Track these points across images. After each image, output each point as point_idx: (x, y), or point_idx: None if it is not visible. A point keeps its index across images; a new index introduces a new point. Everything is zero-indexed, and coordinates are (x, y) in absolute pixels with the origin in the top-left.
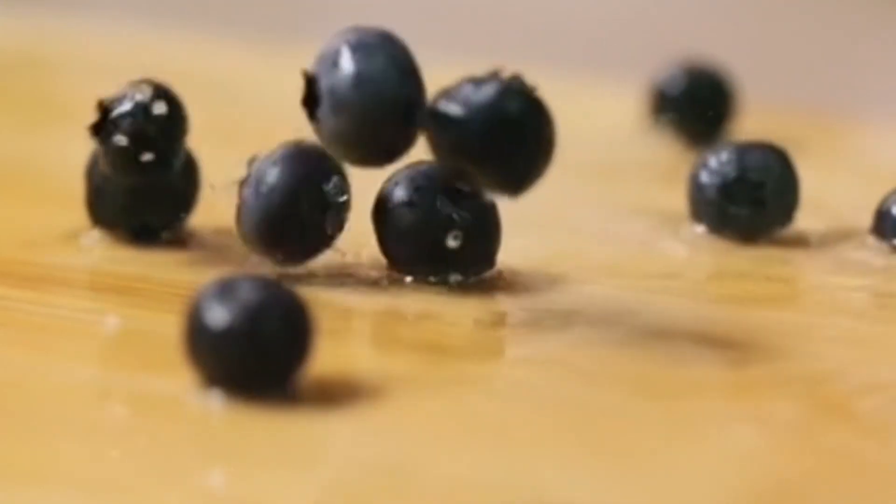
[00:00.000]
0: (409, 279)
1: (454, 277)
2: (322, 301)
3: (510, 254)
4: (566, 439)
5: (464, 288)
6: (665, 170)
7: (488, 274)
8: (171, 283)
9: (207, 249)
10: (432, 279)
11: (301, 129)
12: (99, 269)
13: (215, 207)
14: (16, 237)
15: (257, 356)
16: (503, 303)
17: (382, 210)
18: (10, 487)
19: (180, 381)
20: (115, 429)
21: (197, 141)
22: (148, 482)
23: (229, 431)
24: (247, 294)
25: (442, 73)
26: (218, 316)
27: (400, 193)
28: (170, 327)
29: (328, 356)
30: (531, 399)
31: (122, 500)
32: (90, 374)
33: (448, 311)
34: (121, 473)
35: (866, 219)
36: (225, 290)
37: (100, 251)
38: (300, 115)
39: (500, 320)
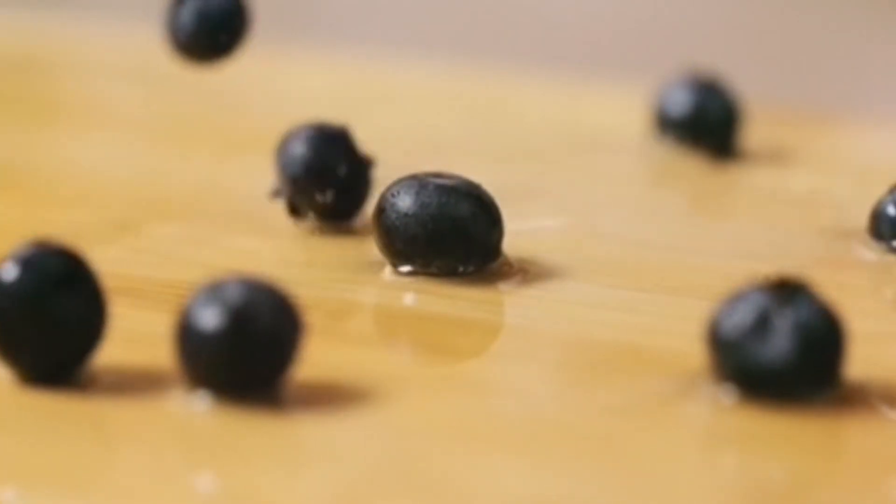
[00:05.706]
0: (410, 275)
1: (460, 269)
2: (321, 300)
3: (512, 247)
4: (566, 439)
5: (465, 285)
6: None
7: (492, 267)
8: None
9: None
10: (435, 271)
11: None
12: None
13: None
14: (15, 237)
15: (243, 358)
16: (504, 301)
17: (385, 206)
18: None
19: (174, 382)
20: (113, 430)
21: (193, 142)
22: (139, 483)
23: (222, 432)
24: (233, 296)
25: (446, 77)
26: (204, 318)
27: (405, 192)
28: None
29: (327, 356)
30: (531, 399)
31: (118, 500)
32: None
33: (449, 311)
34: (117, 474)
35: (862, 219)
36: (212, 292)
37: (98, 251)
38: (295, 115)
39: (499, 319)
